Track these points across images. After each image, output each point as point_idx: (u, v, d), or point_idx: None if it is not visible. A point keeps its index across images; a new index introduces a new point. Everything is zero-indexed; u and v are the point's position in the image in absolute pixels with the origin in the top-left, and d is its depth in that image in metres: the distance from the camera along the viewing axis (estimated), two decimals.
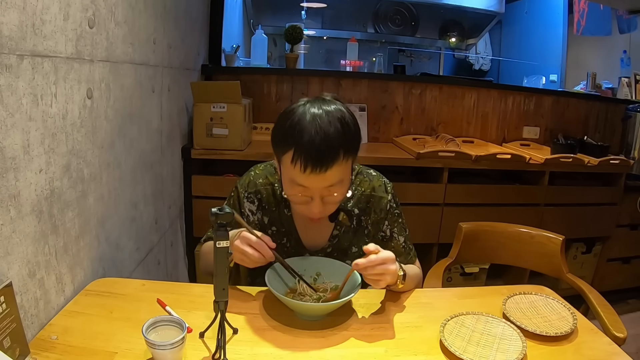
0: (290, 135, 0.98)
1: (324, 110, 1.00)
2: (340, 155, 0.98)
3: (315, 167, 0.96)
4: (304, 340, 0.95)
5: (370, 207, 1.20)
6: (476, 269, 2.50)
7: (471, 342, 0.94)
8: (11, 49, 0.83)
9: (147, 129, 1.60)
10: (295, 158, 0.97)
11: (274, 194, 1.20)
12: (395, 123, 2.79)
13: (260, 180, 1.21)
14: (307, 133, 0.96)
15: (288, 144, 0.98)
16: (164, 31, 1.72)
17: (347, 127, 1.00)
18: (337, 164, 0.98)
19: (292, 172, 1.00)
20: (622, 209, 2.64)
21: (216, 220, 0.87)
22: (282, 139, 1.01)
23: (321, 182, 0.99)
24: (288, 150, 0.98)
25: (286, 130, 1.00)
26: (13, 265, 0.87)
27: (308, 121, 0.97)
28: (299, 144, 0.96)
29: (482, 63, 4.93)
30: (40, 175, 0.94)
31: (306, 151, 0.96)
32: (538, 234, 1.56)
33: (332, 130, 0.97)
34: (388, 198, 1.21)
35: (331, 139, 0.96)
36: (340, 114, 1.00)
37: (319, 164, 0.96)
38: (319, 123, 0.97)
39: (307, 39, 3.01)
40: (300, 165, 0.96)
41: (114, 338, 0.91)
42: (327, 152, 0.96)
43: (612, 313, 1.22)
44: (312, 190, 1.01)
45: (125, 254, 1.44)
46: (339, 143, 0.97)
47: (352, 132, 1.02)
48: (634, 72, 3.17)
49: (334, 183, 1.01)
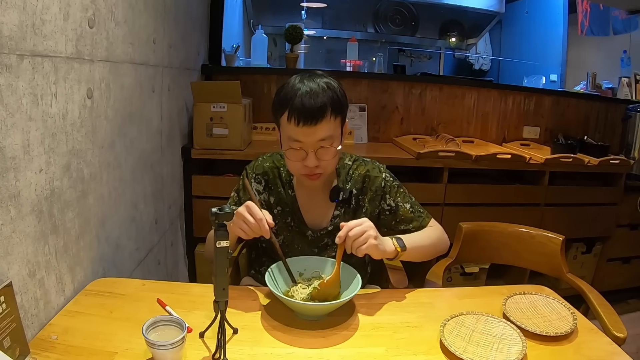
0: (284, 98, 1.12)
1: (312, 79, 1.14)
2: (328, 111, 1.11)
3: (307, 121, 1.09)
4: (304, 340, 0.95)
5: (366, 186, 1.29)
6: (476, 269, 2.50)
7: (471, 342, 0.94)
8: (11, 49, 0.83)
9: (147, 129, 1.60)
10: (289, 115, 1.10)
11: (279, 176, 1.29)
12: (395, 123, 2.78)
13: (268, 164, 1.30)
14: (298, 94, 1.10)
15: (283, 106, 1.12)
16: (164, 31, 1.72)
17: (334, 90, 1.13)
18: (326, 120, 1.11)
19: (288, 129, 1.12)
20: (622, 209, 2.64)
21: (216, 220, 0.87)
22: (278, 104, 1.15)
23: (313, 134, 1.11)
24: (284, 112, 1.11)
25: (281, 96, 1.14)
26: (13, 265, 0.87)
27: (299, 85, 1.12)
28: (293, 104, 1.10)
29: (482, 63, 4.93)
30: (40, 175, 0.94)
31: (298, 108, 1.09)
32: (538, 234, 1.56)
33: (319, 91, 1.11)
34: (382, 176, 1.30)
35: (319, 97, 1.10)
36: (327, 80, 1.14)
37: (310, 117, 1.09)
38: (308, 85, 1.11)
39: (307, 39, 3.02)
40: (295, 120, 1.09)
41: (114, 338, 0.91)
42: (316, 107, 1.09)
43: (612, 313, 1.22)
44: (306, 144, 1.12)
45: (125, 254, 1.44)
46: (326, 101, 1.11)
47: (338, 94, 1.15)
48: (634, 72, 3.17)
49: (324, 137, 1.12)
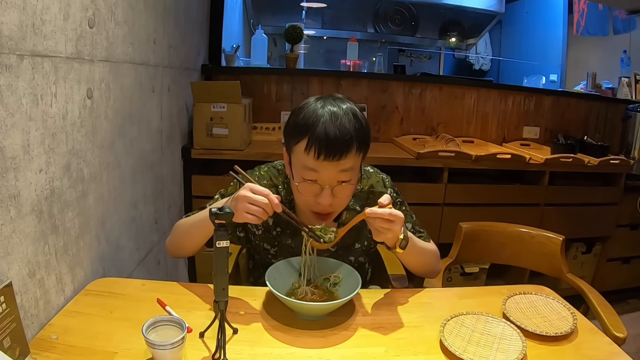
0: (305, 124, 1.01)
1: (337, 104, 1.04)
2: (355, 146, 1.01)
3: (329, 154, 0.99)
4: (304, 340, 0.95)
5: (370, 203, 1.20)
6: (476, 269, 2.50)
7: (471, 342, 0.94)
8: (11, 49, 0.83)
9: (147, 129, 1.60)
10: (309, 145, 0.99)
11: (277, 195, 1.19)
12: (395, 123, 2.78)
13: (265, 182, 1.20)
14: (322, 121, 0.99)
15: (302, 133, 1.01)
16: (164, 31, 1.72)
17: (361, 122, 1.04)
18: (350, 154, 1.01)
19: (305, 159, 1.01)
20: (622, 209, 2.64)
21: (216, 220, 0.87)
22: (296, 130, 1.03)
23: (333, 169, 1.01)
24: (302, 139, 1.01)
25: (300, 121, 1.02)
26: (13, 265, 0.87)
27: (323, 112, 1.01)
28: (314, 132, 0.99)
29: (482, 63, 4.93)
30: (40, 175, 0.94)
31: (321, 138, 0.98)
32: (538, 234, 1.56)
33: (345, 120, 1.00)
34: (387, 192, 1.22)
35: (346, 128, 0.99)
36: (353, 110, 1.04)
37: (333, 151, 0.99)
38: (334, 113, 1.01)
39: (307, 39, 3.01)
40: (315, 152, 0.99)
41: (114, 338, 0.91)
42: (341, 140, 0.99)
43: (612, 313, 1.22)
44: (323, 178, 1.02)
45: (125, 254, 1.44)
46: (353, 134, 1.00)
47: (365, 128, 1.05)
48: (634, 72, 3.17)
49: (345, 169, 1.02)
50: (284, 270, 1.12)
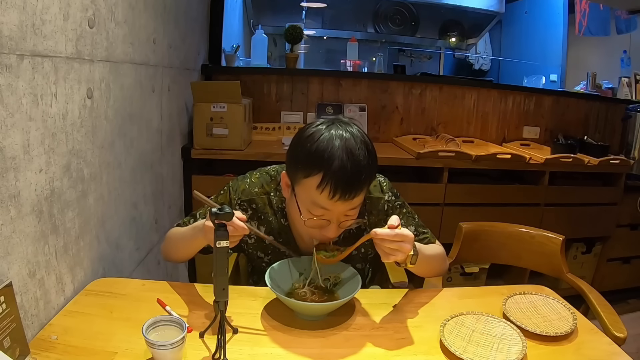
0: (319, 159, 0.96)
1: (351, 134, 0.99)
2: (368, 183, 1.01)
3: (344, 194, 0.96)
4: (304, 340, 0.95)
5: (367, 209, 1.18)
6: (476, 269, 2.50)
7: (471, 342, 0.94)
8: (11, 49, 0.83)
9: (147, 129, 1.60)
10: (323, 183, 0.96)
11: (270, 203, 1.17)
12: (395, 123, 2.78)
13: (256, 190, 1.17)
14: (338, 159, 0.95)
15: (315, 168, 0.97)
16: (164, 31, 1.72)
17: (373, 154, 1.02)
18: (363, 192, 1.00)
19: (316, 196, 0.98)
20: (622, 209, 2.64)
21: (216, 220, 0.87)
22: (308, 162, 0.98)
23: (346, 207, 1.00)
24: (314, 175, 0.97)
25: (312, 154, 0.97)
26: (13, 265, 0.87)
27: (338, 146, 0.96)
28: (329, 170, 0.95)
29: (482, 63, 4.93)
30: (40, 175, 0.94)
31: (337, 178, 0.95)
32: (538, 234, 1.56)
33: (361, 158, 0.97)
34: (385, 198, 1.20)
35: (361, 167, 0.97)
36: (363, 138, 1.01)
37: (349, 191, 0.96)
38: (349, 149, 0.96)
39: (307, 39, 3.02)
40: (330, 192, 0.96)
41: (114, 338, 0.91)
42: (357, 180, 0.97)
43: (612, 313, 1.22)
44: (333, 214, 1.01)
45: (125, 254, 1.44)
46: (367, 171, 0.99)
47: (374, 158, 1.03)
48: (634, 72, 3.17)
49: (355, 207, 1.02)
50: (284, 270, 1.12)
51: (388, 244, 0.95)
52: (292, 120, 2.66)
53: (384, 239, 0.94)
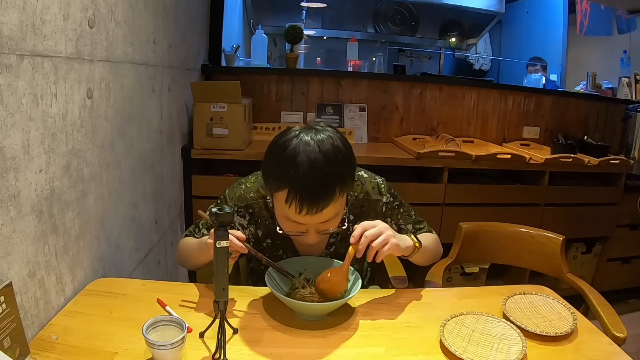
0: (283, 173, 0.95)
1: (319, 143, 0.96)
2: (337, 194, 0.97)
3: (311, 208, 0.95)
4: (304, 340, 0.95)
5: (365, 211, 1.18)
6: (476, 269, 2.50)
7: (471, 342, 0.94)
8: (11, 49, 0.83)
9: (147, 129, 1.60)
10: (289, 198, 0.95)
11: (266, 207, 1.17)
12: (395, 123, 2.78)
13: (252, 194, 1.18)
14: (301, 173, 0.93)
15: (282, 183, 0.95)
16: (164, 31, 1.72)
17: (343, 162, 0.97)
18: (333, 202, 0.97)
19: (286, 210, 0.98)
20: (622, 209, 2.64)
21: (216, 220, 0.87)
22: (274, 177, 0.98)
23: (317, 219, 0.98)
24: (282, 189, 0.96)
25: (278, 168, 0.97)
26: (13, 265, 0.87)
27: (301, 161, 0.94)
28: (294, 185, 0.94)
29: (482, 63, 4.93)
30: (40, 175, 0.94)
31: (301, 193, 0.93)
32: (538, 234, 1.56)
33: (327, 170, 0.94)
34: (383, 200, 1.21)
35: (326, 179, 0.94)
36: (334, 145, 0.97)
37: (315, 205, 0.94)
38: (313, 161, 0.94)
39: (307, 39, 3.02)
40: (296, 207, 0.95)
41: (114, 338, 0.91)
42: (322, 193, 0.94)
43: (612, 313, 1.22)
44: (308, 225, 1.01)
45: (125, 254, 1.44)
46: (334, 182, 0.96)
47: (347, 165, 1.00)
48: (634, 72, 3.16)
49: (329, 218, 1.00)
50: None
51: (370, 240, 0.99)
52: (292, 120, 2.66)
53: (365, 238, 0.99)
